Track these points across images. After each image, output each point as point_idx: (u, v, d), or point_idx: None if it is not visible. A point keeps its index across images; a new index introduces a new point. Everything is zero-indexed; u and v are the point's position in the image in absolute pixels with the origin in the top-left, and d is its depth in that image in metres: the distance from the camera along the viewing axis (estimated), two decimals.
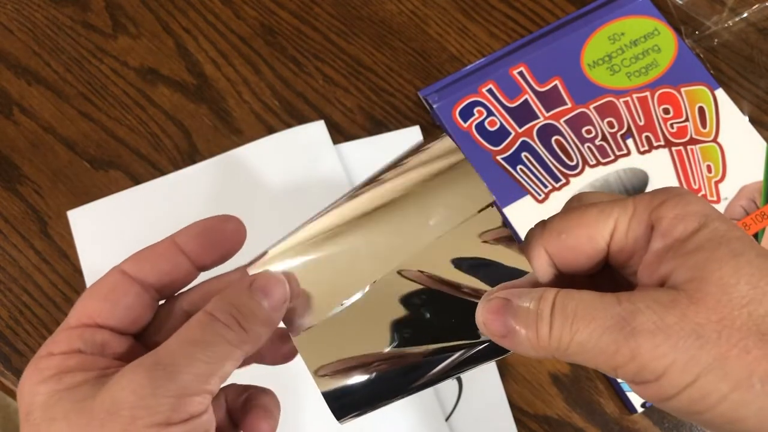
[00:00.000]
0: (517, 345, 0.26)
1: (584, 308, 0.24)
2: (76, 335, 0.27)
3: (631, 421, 0.46)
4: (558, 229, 0.26)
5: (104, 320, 0.27)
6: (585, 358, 0.24)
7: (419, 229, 0.27)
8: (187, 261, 0.29)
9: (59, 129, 0.54)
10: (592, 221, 0.26)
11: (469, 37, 0.56)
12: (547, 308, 0.24)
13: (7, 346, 0.48)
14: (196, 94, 0.55)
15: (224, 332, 0.25)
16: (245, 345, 0.26)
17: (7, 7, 0.58)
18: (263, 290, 0.27)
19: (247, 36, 0.56)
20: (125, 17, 0.57)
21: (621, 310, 0.23)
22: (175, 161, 0.53)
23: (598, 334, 0.23)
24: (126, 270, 0.28)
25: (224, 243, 0.29)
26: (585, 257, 0.26)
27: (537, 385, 0.47)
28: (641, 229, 0.25)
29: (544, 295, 0.25)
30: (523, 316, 0.25)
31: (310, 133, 0.52)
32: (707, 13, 0.55)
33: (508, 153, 0.51)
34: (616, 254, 0.26)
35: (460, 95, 0.52)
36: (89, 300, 0.27)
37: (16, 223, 0.51)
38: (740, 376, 0.21)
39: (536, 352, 0.25)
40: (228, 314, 0.26)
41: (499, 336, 0.26)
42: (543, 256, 0.27)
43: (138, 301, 0.28)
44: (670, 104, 0.52)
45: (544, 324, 0.24)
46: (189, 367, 0.24)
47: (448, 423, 0.45)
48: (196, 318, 0.26)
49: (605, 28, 0.54)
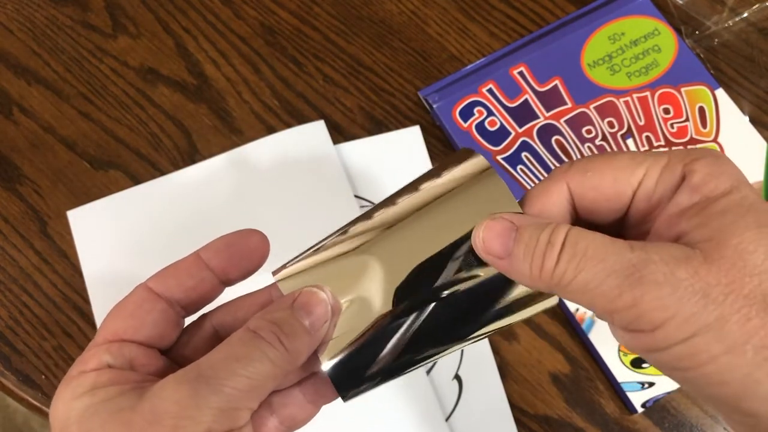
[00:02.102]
0: (513, 270, 0.25)
1: (595, 248, 0.23)
2: (104, 350, 0.27)
3: (631, 421, 0.46)
4: (585, 167, 0.26)
5: (131, 336, 0.27)
6: (584, 297, 0.24)
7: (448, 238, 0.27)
8: (212, 276, 0.29)
9: (59, 129, 0.54)
10: (622, 164, 0.26)
11: (469, 37, 0.56)
12: (558, 241, 0.24)
13: (7, 346, 0.48)
14: (196, 94, 0.55)
15: (267, 350, 0.25)
16: (286, 363, 0.26)
17: (7, 7, 0.57)
18: (305, 308, 0.27)
19: (247, 36, 0.56)
20: (125, 17, 0.57)
21: (632, 257, 0.23)
22: (175, 161, 0.53)
23: (604, 276, 0.23)
24: (151, 287, 0.28)
25: (249, 257, 0.29)
26: (606, 201, 0.26)
27: (537, 385, 0.47)
28: (672, 180, 0.25)
29: (557, 228, 0.24)
30: (529, 244, 0.25)
31: (310, 133, 0.52)
32: (707, 13, 0.55)
33: (508, 153, 0.51)
34: (640, 203, 0.26)
35: (460, 95, 0.52)
36: (115, 318, 0.28)
37: (16, 223, 0.51)
38: (735, 341, 0.21)
39: (531, 282, 0.25)
40: (270, 332, 0.26)
41: (496, 256, 0.26)
42: (564, 191, 0.26)
43: (164, 317, 0.28)
44: (671, 104, 0.52)
45: (551, 256, 0.24)
46: (231, 381, 0.24)
47: (448, 423, 0.45)
48: (239, 334, 0.26)
49: (605, 28, 0.54)
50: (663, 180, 0.25)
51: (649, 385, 0.45)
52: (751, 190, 0.24)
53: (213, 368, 0.25)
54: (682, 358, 0.22)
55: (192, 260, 0.29)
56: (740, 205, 0.23)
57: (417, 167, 0.52)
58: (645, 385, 0.45)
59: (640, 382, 0.45)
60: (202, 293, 0.29)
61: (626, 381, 0.45)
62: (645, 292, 0.22)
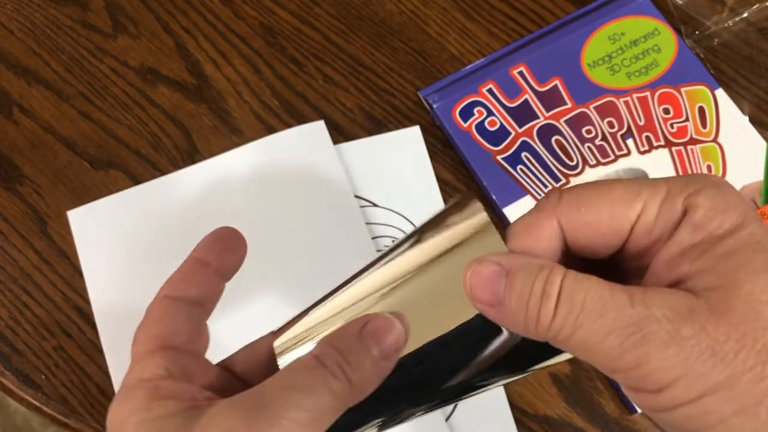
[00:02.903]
0: (506, 320, 0.23)
1: (593, 301, 0.22)
2: (160, 356, 0.26)
3: (631, 421, 0.46)
4: (577, 201, 0.24)
5: (172, 339, 0.27)
6: (584, 354, 0.22)
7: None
8: (212, 271, 0.29)
9: (59, 129, 0.54)
10: (618, 198, 0.23)
11: (469, 37, 0.56)
12: (554, 292, 0.22)
13: (7, 346, 0.48)
14: (196, 94, 0.55)
15: (330, 381, 0.24)
16: (349, 396, 0.24)
17: (7, 7, 0.57)
18: (375, 336, 0.25)
19: (247, 36, 0.56)
20: (125, 17, 0.57)
21: (633, 313, 0.21)
22: (175, 161, 0.53)
23: (604, 333, 0.21)
24: (168, 294, 0.28)
25: (236, 247, 0.30)
26: (602, 237, 0.24)
27: (537, 385, 0.47)
28: (673, 215, 0.23)
29: (550, 276, 0.22)
30: (522, 294, 0.23)
31: (310, 133, 0.52)
32: (707, 13, 0.55)
33: (508, 153, 0.51)
34: (638, 239, 0.24)
35: (460, 95, 0.52)
36: (149, 328, 0.27)
37: (16, 223, 0.51)
38: (747, 402, 0.20)
39: (525, 332, 0.23)
40: (333, 361, 0.24)
41: (486, 305, 0.24)
42: (554, 226, 0.24)
43: (192, 316, 0.28)
44: (670, 104, 0.52)
45: (547, 310, 0.22)
46: (289, 412, 0.23)
47: (448, 423, 0.45)
48: (302, 361, 0.25)
49: (605, 28, 0.54)
50: (662, 215, 0.23)
51: None
52: (758, 224, 0.22)
53: (272, 397, 0.23)
54: (690, 420, 0.21)
55: (191, 262, 0.29)
56: (748, 245, 0.21)
57: (417, 167, 0.52)
58: None
59: None
60: (213, 288, 0.29)
61: None
62: (649, 353, 0.21)
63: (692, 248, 0.22)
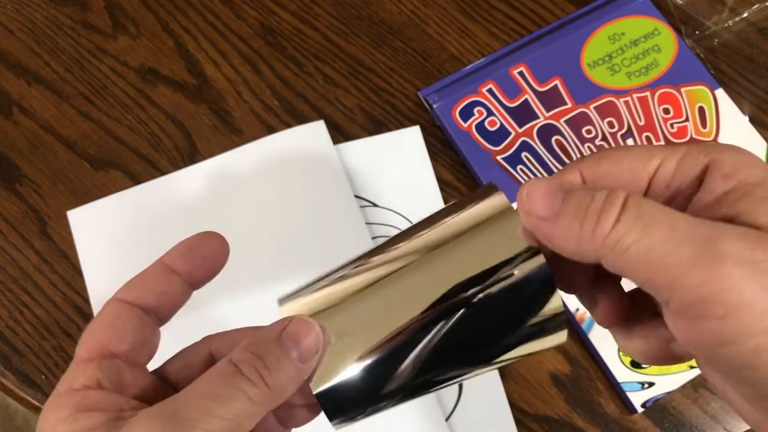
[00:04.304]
0: (557, 232, 0.23)
1: (663, 212, 0.21)
2: (95, 366, 0.26)
3: (631, 421, 0.46)
4: (599, 155, 0.25)
5: (116, 347, 0.26)
6: (640, 268, 0.21)
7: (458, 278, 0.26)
8: (179, 280, 0.28)
9: (59, 129, 0.54)
10: (636, 154, 0.24)
11: (469, 37, 0.56)
12: (618, 202, 0.21)
13: (7, 346, 0.48)
14: (196, 94, 0.55)
15: (246, 387, 0.24)
16: (267, 402, 0.24)
17: (7, 7, 0.58)
18: (294, 338, 0.25)
19: (247, 36, 0.56)
20: (125, 17, 0.57)
21: (707, 229, 0.20)
22: (175, 161, 0.53)
23: (673, 245, 0.20)
24: (123, 298, 0.27)
25: (210, 258, 0.29)
26: (621, 188, 0.23)
27: (537, 385, 0.47)
28: (694, 169, 0.23)
29: (612, 192, 0.22)
30: (582, 202, 0.22)
31: (310, 133, 0.52)
32: (707, 13, 0.55)
33: (508, 153, 0.51)
34: (657, 191, 0.24)
35: (460, 95, 0.52)
36: (96, 331, 0.27)
37: (16, 223, 0.51)
38: None
39: (577, 245, 0.22)
40: (252, 367, 0.24)
41: (538, 216, 0.23)
42: (577, 179, 0.25)
43: (143, 324, 0.27)
44: (671, 104, 0.52)
45: (609, 215, 0.21)
46: (204, 423, 0.23)
47: (448, 423, 0.45)
48: (219, 368, 0.25)
49: (605, 28, 0.54)
50: (682, 169, 0.23)
51: (649, 385, 0.45)
52: None
53: (187, 407, 0.23)
54: (749, 355, 0.19)
55: (158, 266, 0.28)
56: None
57: (417, 167, 0.52)
58: (645, 385, 0.45)
59: (640, 382, 0.45)
60: (173, 297, 0.28)
61: (626, 381, 0.45)
62: (723, 270, 0.19)
63: (727, 195, 0.22)
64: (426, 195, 0.51)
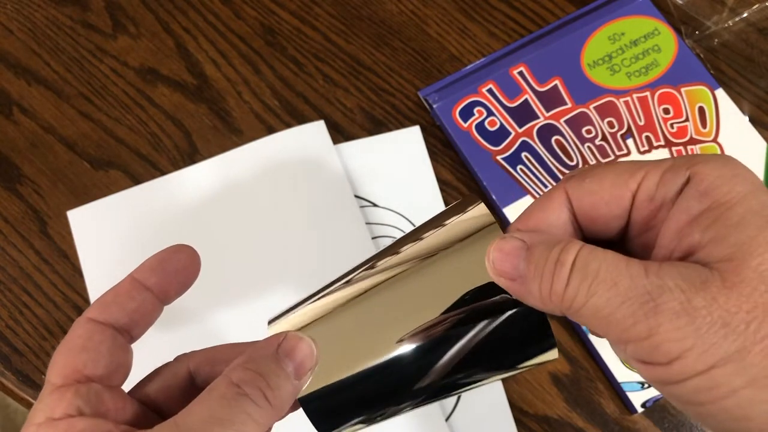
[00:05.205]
0: (524, 293, 0.24)
1: (607, 270, 0.22)
2: (72, 393, 0.25)
3: (631, 421, 0.46)
4: (582, 174, 0.25)
5: (91, 372, 0.26)
6: (596, 323, 0.22)
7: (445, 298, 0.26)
8: (151, 296, 0.28)
9: (59, 129, 0.54)
10: (620, 170, 0.24)
11: (469, 37, 0.56)
12: (568, 261, 0.22)
13: (7, 346, 0.48)
14: (196, 94, 0.55)
15: (251, 410, 0.24)
16: (270, 419, 0.24)
17: (7, 7, 0.58)
18: (290, 354, 0.25)
19: (247, 36, 0.56)
20: (125, 17, 0.57)
21: (647, 283, 0.21)
22: (175, 161, 0.53)
23: (617, 303, 0.21)
24: (94, 317, 0.27)
25: (182, 272, 0.28)
26: (606, 205, 0.25)
27: (537, 385, 0.47)
28: (676, 182, 0.23)
29: (566, 246, 0.23)
30: (539, 264, 0.23)
31: (310, 133, 0.52)
32: (707, 13, 0.55)
33: (508, 153, 0.51)
34: (641, 207, 0.24)
35: (460, 95, 0.52)
36: (68, 354, 0.26)
37: (16, 223, 0.51)
38: (758, 373, 0.20)
39: (543, 306, 0.24)
40: (255, 387, 0.24)
41: (507, 279, 0.24)
42: (563, 199, 0.25)
43: (116, 345, 0.27)
44: (670, 104, 0.52)
45: (561, 277, 0.22)
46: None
47: (448, 423, 0.45)
48: (221, 390, 0.24)
49: (605, 28, 0.54)
50: (665, 182, 0.24)
51: (649, 385, 0.45)
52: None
53: (192, 431, 0.23)
54: (700, 392, 0.21)
55: (129, 282, 0.28)
56: (758, 215, 0.21)
57: (417, 167, 0.52)
58: (645, 385, 0.45)
59: (639, 382, 0.45)
60: (145, 314, 0.28)
61: (626, 381, 0.45)
62: (661, 323, 0.21)
63: (701, 216, 0.22)
64: (426, 195, 0.51)
